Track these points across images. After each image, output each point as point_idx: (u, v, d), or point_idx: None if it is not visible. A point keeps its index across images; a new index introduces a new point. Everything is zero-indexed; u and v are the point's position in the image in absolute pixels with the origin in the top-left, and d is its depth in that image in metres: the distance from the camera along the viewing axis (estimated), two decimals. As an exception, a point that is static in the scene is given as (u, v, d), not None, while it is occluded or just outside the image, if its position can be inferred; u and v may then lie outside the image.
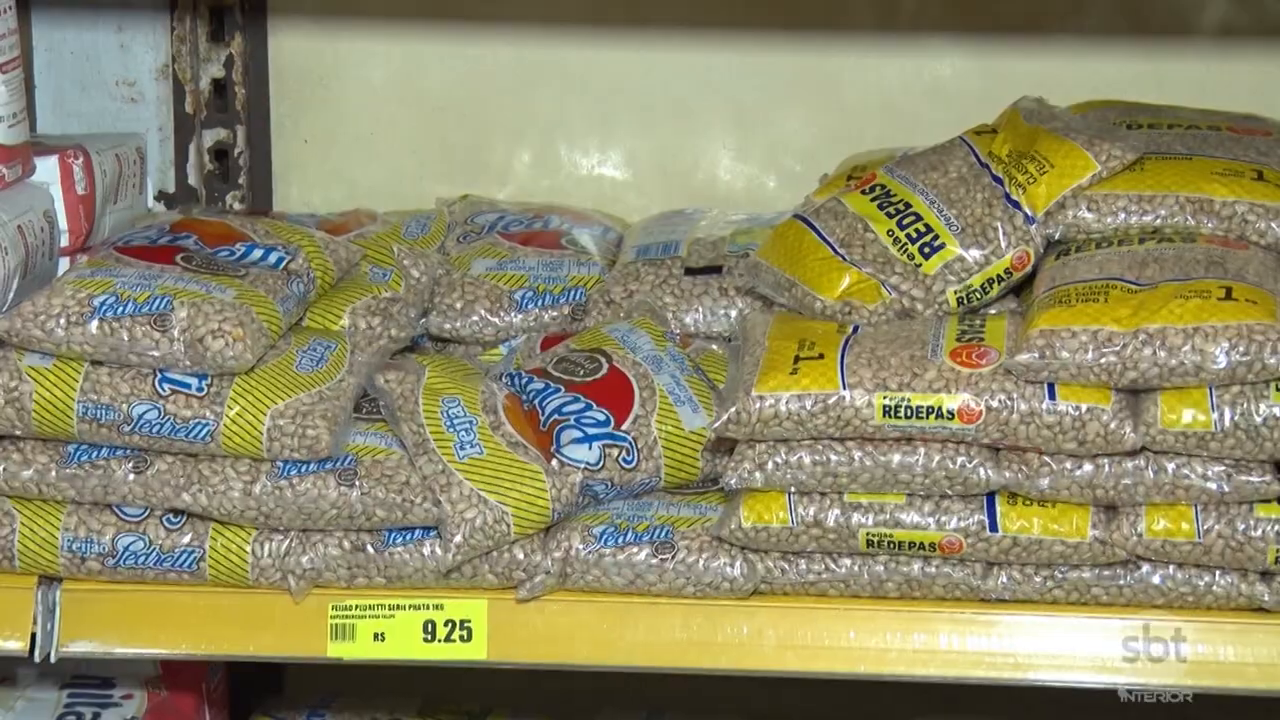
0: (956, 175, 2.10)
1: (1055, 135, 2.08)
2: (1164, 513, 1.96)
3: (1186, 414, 1.92)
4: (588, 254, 2.35)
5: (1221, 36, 2.44)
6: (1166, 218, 2.04)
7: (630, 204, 2.57)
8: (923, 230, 2.07)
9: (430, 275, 2.30)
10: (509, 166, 2.61)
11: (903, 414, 1.95)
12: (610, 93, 2.58)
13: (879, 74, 2.53)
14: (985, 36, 2.49)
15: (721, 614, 2.02)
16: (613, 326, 2.19)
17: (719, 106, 2.57)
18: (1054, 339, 1.93)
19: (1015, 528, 1.97)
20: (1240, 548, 1.94)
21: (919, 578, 2.01)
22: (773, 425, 1.97)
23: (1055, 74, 2.39)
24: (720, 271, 2.28)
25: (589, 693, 2.56)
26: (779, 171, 2.57)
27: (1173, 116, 2.18)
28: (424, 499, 2.02)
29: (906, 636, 2.00)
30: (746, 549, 2.03)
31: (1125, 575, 1.99)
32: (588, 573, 2.04)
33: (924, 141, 2.20)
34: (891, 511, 1.99)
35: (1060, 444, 1.94)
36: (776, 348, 2.02)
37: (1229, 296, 1.93)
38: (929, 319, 2.05)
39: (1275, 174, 2.07)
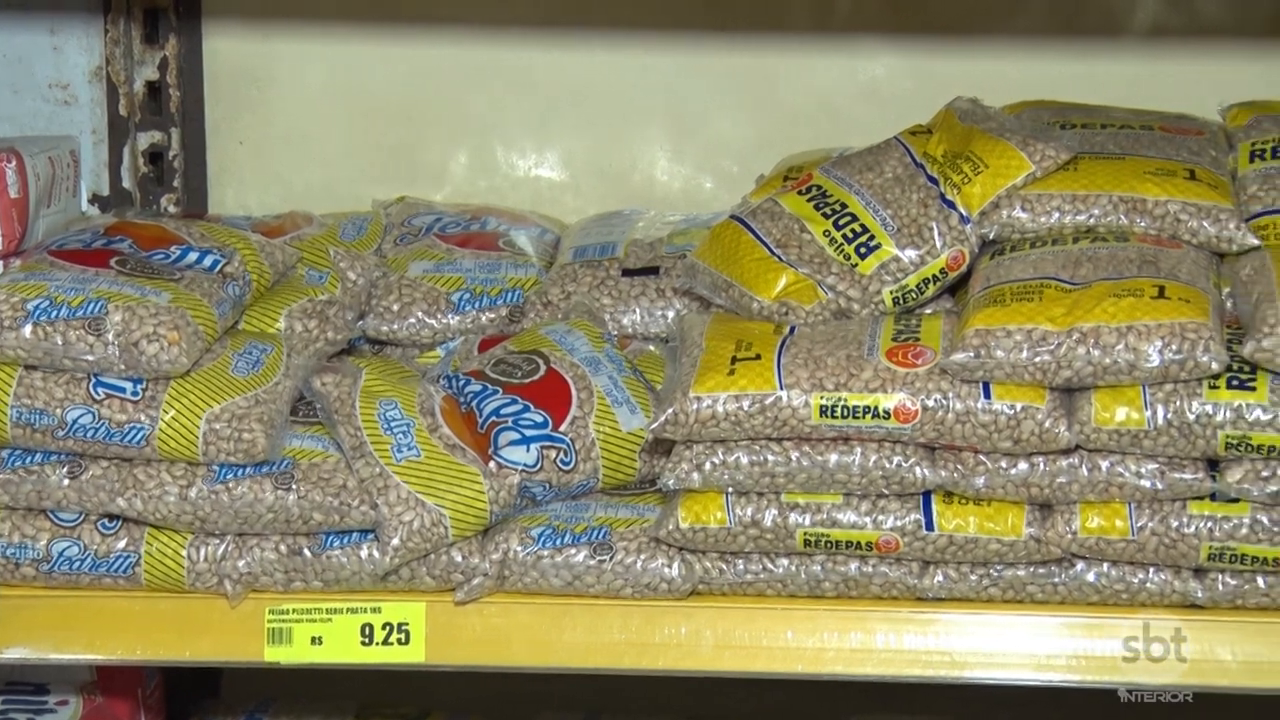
0: (892, 176, 2.11)
1: (990, 135, 2.09)
2: (1098, 510, 1.97)
3: (1120, 412, 1.93)
4: (525, 255, 2.35)
5: (1153, 37, 2.45)
6: (1100, 217, 2.05)
7: (567, 205, 2.57)
8: (859, 230, 2.08)
9: (367, 278, 2.29)
10: (446, 168, 2.60)
11: (839, 414, 1.96)
12: (547, 94, 2.58)
13: (815, 75, 2.53)
14: (920, 37, 2.50)
15: (660, 615, 2.03)
16: (550, 328, 2.19)
17: (656, 108, 2.57)
18: (989, 338, 1.94)
19: (951, 526, 1.98)
20: (1174, 545, 1.96)
21: (856, 577, 2.02)
22: (710, 426, 1.98)
23: (989, 74, 2.40)
24: (657, 273, 2.29)
25: (528, 695, 2.56)
26: (716, 172, 2.58)
27: (1106, 116, 2.19)
28: (361, 502, 2.01)
29: (844, 636, 2.01)
30: (684, 550, 2.03)
31: (1060, 573, 2.00)
32: (526, 574, 2.03)
33: (860, 142, 2.21)
34: (828, 511, 2.00)
35: (995, 443, 1.95)
36: (714, 348, 2.02)
37: (1162, 295, 1.94)
38: (865, 319, 2.06)
39: (1207, 173, 2.08)
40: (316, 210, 2.45)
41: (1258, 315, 1.91)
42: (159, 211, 2.56)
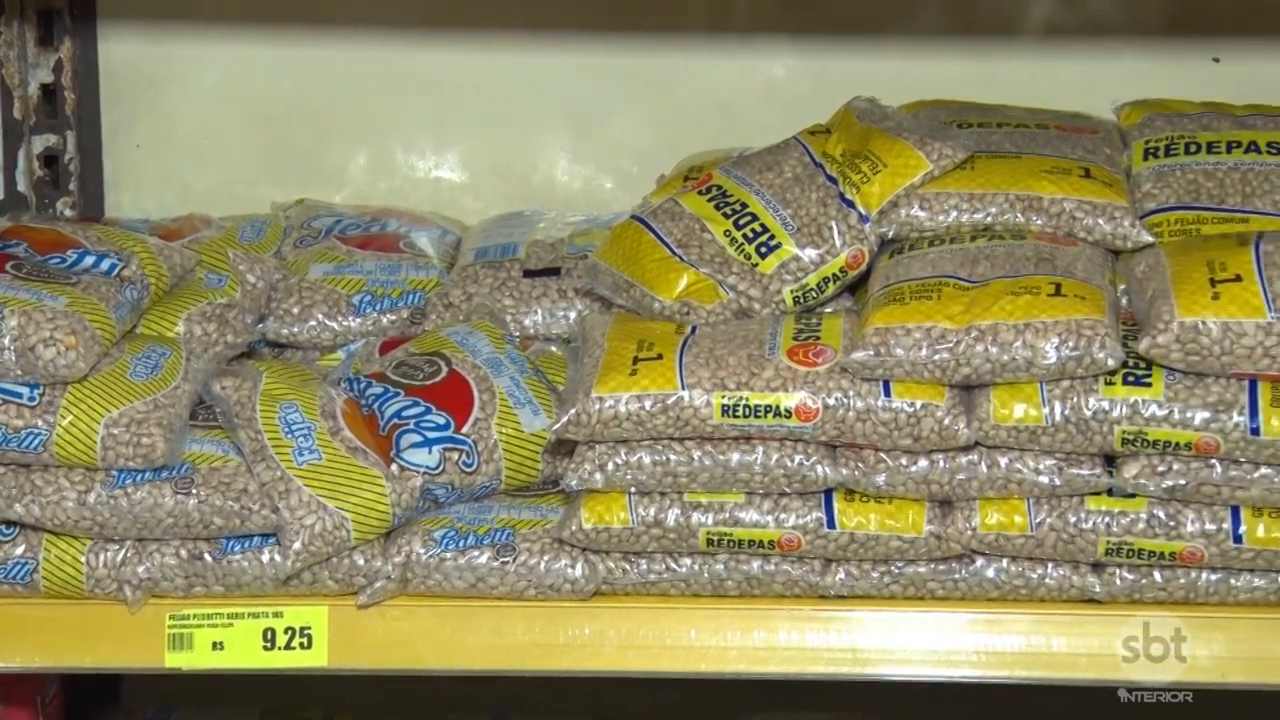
0: (792, 175, 2.12)
1: (888, 135, 2.10)
2: (997, 507, 1.98)
3: (1018, 409, 1.94)
4: (426, 257, 2.35)
5: (1047, 36, 2.47)
6: (997, 215, 2.07)
7: (468, 206, 2.57)
8: (759, 230, 2.08)
9: (266, 280, 2.28)
10: (345, 170, 2.59)
11: (741, 413, 1.96)
12: (446, 95, 2.58)
13: (714, 75, 2.54)
14: (817, 37, 2.51)
15: (564, 615, 2.03)
16: (452, 329, 2.19)
17: (555, 108, 2.57)
18: (889, 337, 1.95)
19: (853, 524, 1.99)
20: (1072, 540, 1.97)
21: (759, 576, 2.02)
22: (612, 426, 1.98)
23: (887, 74, 2.42)
24: (559, 273, 2.29)
25: (432, 697, 2.55)
26: (616, 173, 2.58)
27: (1002, 115, 2.21)
28: (262, 506, 2.00)
29: (747, 634, 2.01)
30: (588, 550, 2.03)
31: (960, 569, 2.01)
32: (429, 577, 2.03)
33: (759, 142, 2.22)
34: (731, 510, 2.00)
35: (896, 440, 1.96)
36: (615, 349, 2.03)
37: (1058, 292, 1.96)
38: (766, 318, 2.06)
39: (1102, 171, 2.10)
40: (215, 213, 2.43)
41: (1152, 312, 1.94)
42: (55, 215, 2.53)
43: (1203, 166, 2.12)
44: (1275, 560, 1.95)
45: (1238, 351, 1.90)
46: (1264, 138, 2.14)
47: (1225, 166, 2.11)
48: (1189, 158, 2.13)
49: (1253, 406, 1.91)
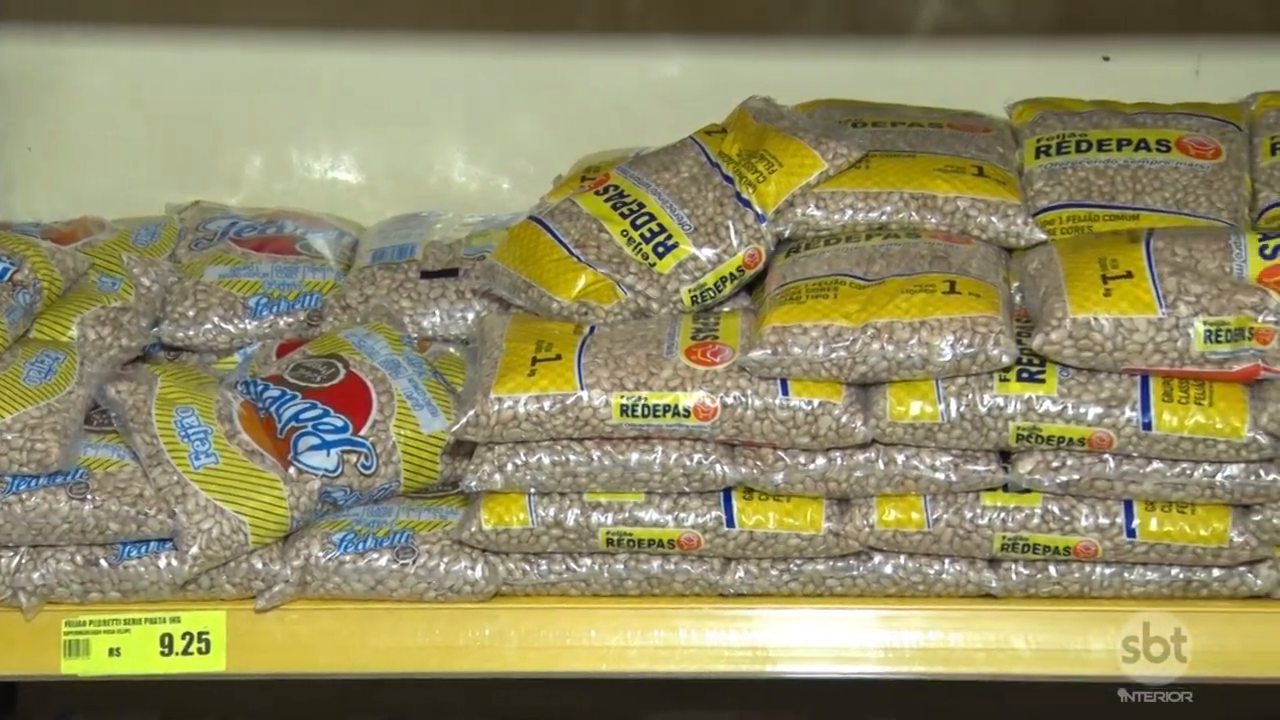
0: (688, 175, 2.12)
1: (783, 134, 2.11)
2: (895, 504, 1.99)
3: (914, 406, 1.96)
4: (323, 259, 2.34)
5: (939, 35, 2.49)
6: (892, 214, 2.08)
7: (365, 208, 2.56)
8: (656, 230, 2.09)
9: (161, 283, 2.26)
10: (240, 172, 2.58)
11: (639, 413, 1.97)
12: (341, 96, 2.57)
13: (609, 75, 2.54)
14: (712, 37, 2.52)
15: (464, 617, 2.02)
16: (349, 331, 2.18)
17: (451, 109, 2.57)
18: (786, 335, 1.96)
19: (752, 523, 2.00)
20: (968, 536, 1.99)
21: (659, 575, 2.03)
22: (511, 427, 1.98)
23: (782, 74, 2.42)
24: (456, 274, 2.28)
25: (333, 701, 2.54)
26: (513, 173, 2.58)
27: (896, 115, 2.22)
28: (159, 511, 1.99)
29: (647, 634, 2.02)
30: (488, 551, 2.03)
31: (859, 566, 2.03)
32: (328, 580, 2.02)
33: (655, 142, 2.22)
34: (630, 510, 2.01)
35: (794, 439, 1.97)
36: (514, 349, 2.03)
37: (953, 290, 1.97)
38: (664, 318, 2.07)
39: (995, 169, 2.12)
40: (109, 216, 2.41)
41: (1045, 309, 1.95)
42: (-55, 219, 2.51)
43: (1094, 164, 2.14)
44: (1168, 554, 1.98)
45: (1129, 347, 1.92)
46: (1153, 135, 2.16)
47: (1116, 164, 2.14)
48: (1080, 155, 2.15)
49: (1144, 402, 1.93)
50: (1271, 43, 2.47)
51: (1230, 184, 2.12)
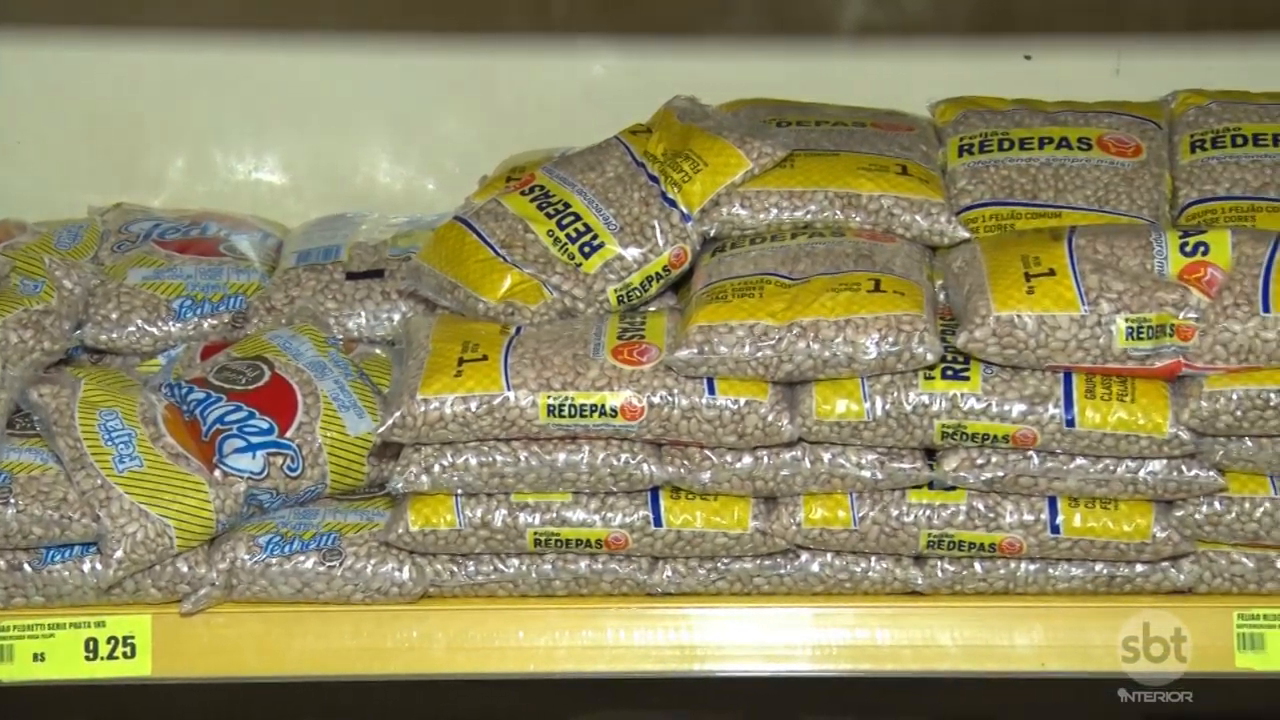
0: (614, 175, 2.13)
1: (708, 134, 2.12)
2: (821, 502, 2.00)
3: (840, 404, 1.97)
4: (247, 260, 2.33)
5: (862, 35, 2.50)
6: (817, 213, 2.09)
7: (289, 209, 2.55)
8: (582, 230, 2.09)
9: (84, 286, 2.25)
10: (163, 174, 2.56)
11: (566, 413, 1.97)
12: (265, 97, 2.56)
13: (534, 75, 2.54)
14: (636, 37, 2.52)
15: (391, 619, 2.02)
16: (274, 333, 2.17)
17: (376, 109, 2.56)
18: (712, 334, 1.97)
19: (679, 522, 2.00)
20: (894, 533, 2.00)
21: (586, 575, 2.03)
22: (438, 428, 1.97)
23: (707, 73, 2.43)
24: (382, 275, 2.28)
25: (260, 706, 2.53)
26: (438, 174, 2.57)
27: (820, 114, 2.23)
28: (83, 515, 1.97)
29: (575, 634, 2.02)
30: (415, 553, 2.03)
31: (786, 565, 2.03)
32: (254, 583, 2.02)
33: (581, 142, 2.22)
34: (558, 510, 2.01)
35: (720, 438, 1.98)
36: (440, 350, 2.02)
37: (878, 289, 1.98)
38: (591, 318, 2.07)
39: (919, 168, 2.13)
40: (30, 218, 2.39)
41: (969, 306, 1.96)
42: None
43: (1016, 162, 2.15)
44: (1091, 550, 1.99)
45: (1052, 344, 1.94)
46: (1074, 133, 2.18)
47: (1038, 162, 2.15)
48: (1003, 154, 2.16)
49: (1068, 398, 1.95)
50: (1191, 42, 2.49)
51: (1151, 181, 2.14)
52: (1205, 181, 2.14)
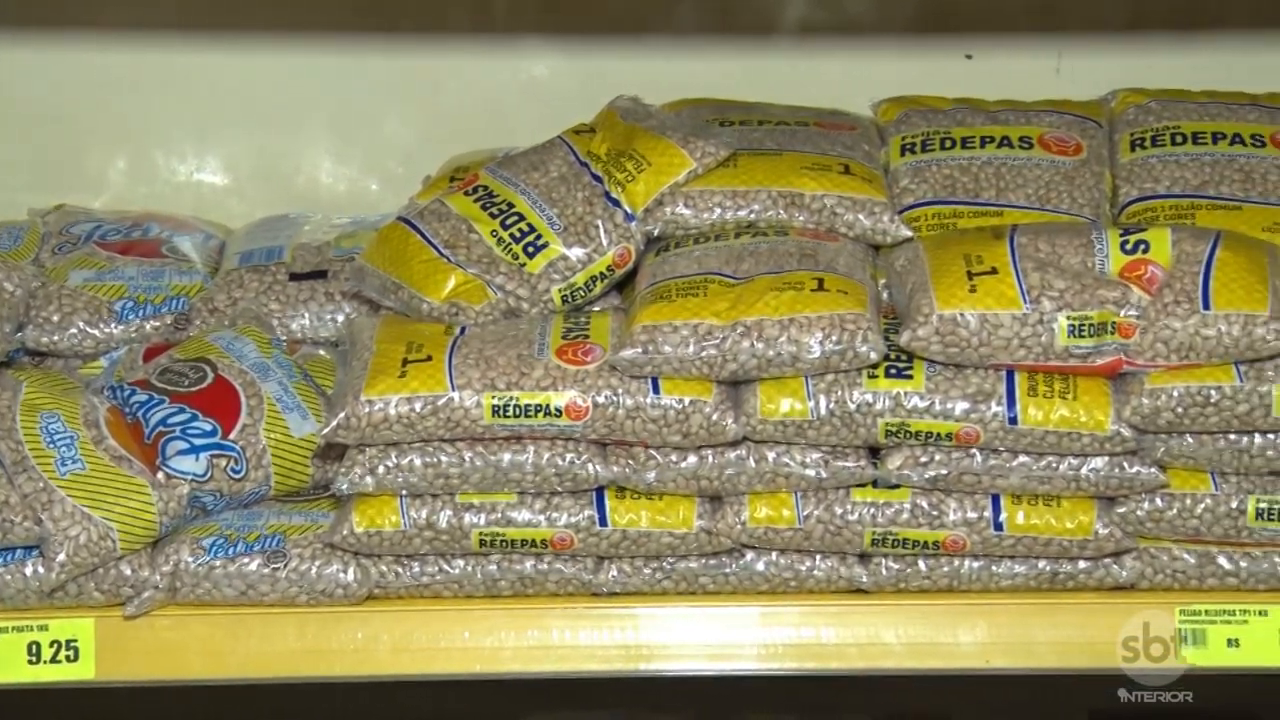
0: (557, 174, 2.13)
1: (651, 133, 2.12)
2: (766, 501, 2.01)
3: (784, 403, 1.97)
4: (189, 262, 2.32)
5: (804, 34, 2.50)
6: (760, 212, 2.10)
7: (232, 210, 2.54)
8: (526, 230, 2.09)
9: (25, 288, 2.24)
10: (104, 175, 2.55)
11: (511, 413, 1.97)
12: (207, 98, 2.55)
13: (477, 75, 2.54)
14: (580, 37, 2.52)
15: (336, 621, 2.02)
16: (217, 335, 2.16)
17: (319, 110, 2.55)
18: (656, 334, 1.97)
19: (624, 522, 2.00)
20: (839, 532, 2.01)
21: (532, 575, 2.03)
22: (382, 429, 1.97)
23: (649, 73, 2.43)
24: (326, 276, 2.27)
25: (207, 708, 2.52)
26: (381, 174, 2.57)
27: (763, 113, 2.24)
28: (25, 518, 1.96)
29: (520, 634, 2.02)
30: (360, 554, 2.02)
31: (731, 563, 2.04)
32: (198, 586, 2.01)
33: (524, 142, 2.22)
34: (503, 510, 2.01)
35: (665, 437, 1.98)
36: (384, 351, 2.02)
37: (821, 287, 1.99)
38: (535, 318, 2.07)
39: (861, 167, 2.13)
40: (-31, 221, 2.39)
41: (912, 305, 1.97)
42: None
43: (958, 161, 2.16)
44: (1034, 547, 2.00)
45: (995, 342, 1.95)
46: (1015, 132, 2.19)
47: (979, 161, 2.16)
48: (944, 153, 2.17)
49: (1010, 396, 1.96)
50: (1130, 41, 2.51)
51: (1091, 180, 2.15)
52: (1145, 180, 2.15)
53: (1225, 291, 1.94)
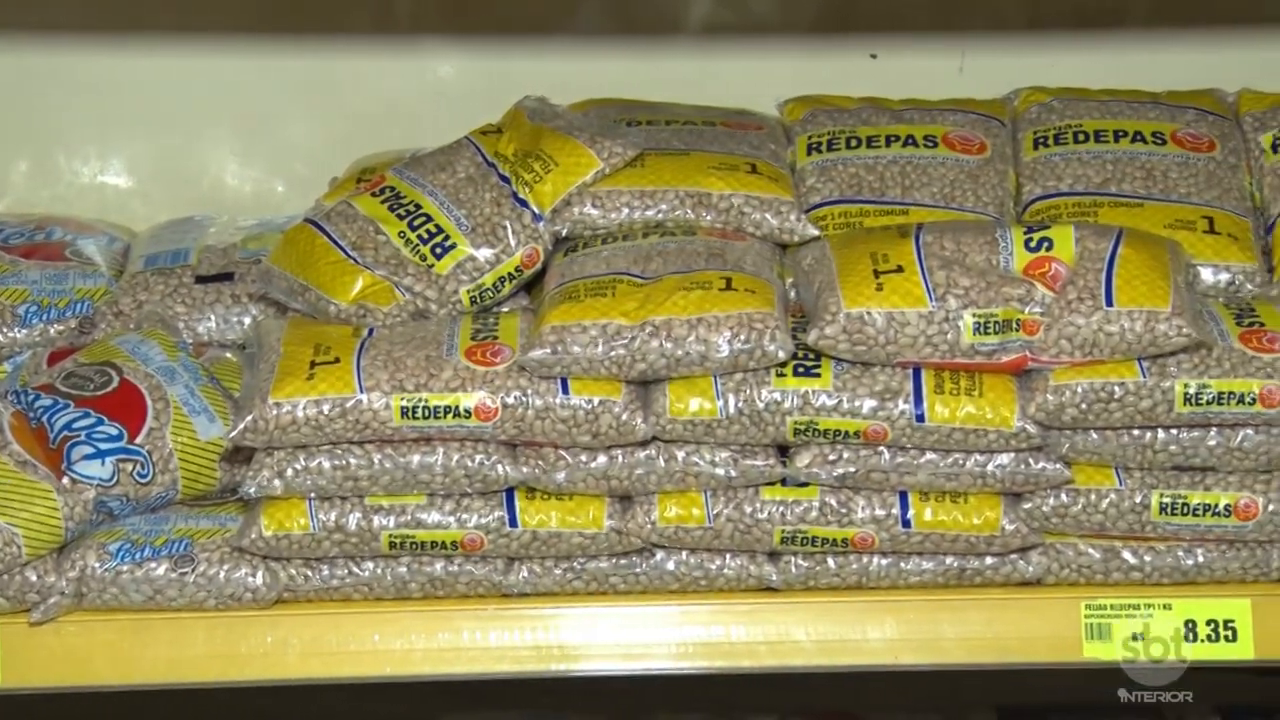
0: (465, 175, 2.12)
1: (559, 134, 2.12)
2: (676, 500, 2.01)
3: (693, 402, 1.98)
4: (94, 265, 2.30)
5: (709, 34, 2.51)
6: (668, 212, 2.10)
7: (136, 212, 2.52)
8: (434, 231, 2.08)
9: (-74, 292, 2.22)
10: (6, 177, 2.53)
11: (420, 414, 1.97)
12: (110, 99, 2.53)
13: (382, 76, 2.53)
14: (485, 37, 2.52)
15: (245, 625, 2.01)
16: (122, 338, 2.15)
17: (224, 112, 2.54)
18: (565, 334, 1.97)
19: (534, 522, 2.01)
20: (748, 530, 2.01)
21: (442, 577, 2.03)
22: (291, 431, 1.96)
23: (556, 73, 2.43)
24: (232, 278, 2.26)
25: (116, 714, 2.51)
26: (287, 176, 2.56)
27: (670, 113, 2.24)
28: (-72, 525, 1.95)
29: (430, 636, 2.02)
30: (269, 558, 2.02)
31: (642, 563, 2.04)
32: (105, 591, 2.00)
33: (431, 143, 2.22)
34: (413, 512, 2.00)
35: (575, 437, 1.98)
36: (292, 353, 2.01)
37: (729, 287, 1.99)
38: (444, 319, 2.07)
39: (768, 166, 2.14)
40: None
41: (819, 304, 1.98)
42: None
43: (863, 160, 2.17)
44: (942, 543, 2.02)
45: (901, 340, 1.96)
46: (920, 131, 2.20)
47: (885, 160, 2.17)
48: (850, 152, 2.18)
49: (917, 394, 1.97)
50: (1031, 40, 2.53)
51: (995, 178, 2.17)
52: (1048, 177, 2.17)
53: (1128, 288, 1.96)
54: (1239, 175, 2.16)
